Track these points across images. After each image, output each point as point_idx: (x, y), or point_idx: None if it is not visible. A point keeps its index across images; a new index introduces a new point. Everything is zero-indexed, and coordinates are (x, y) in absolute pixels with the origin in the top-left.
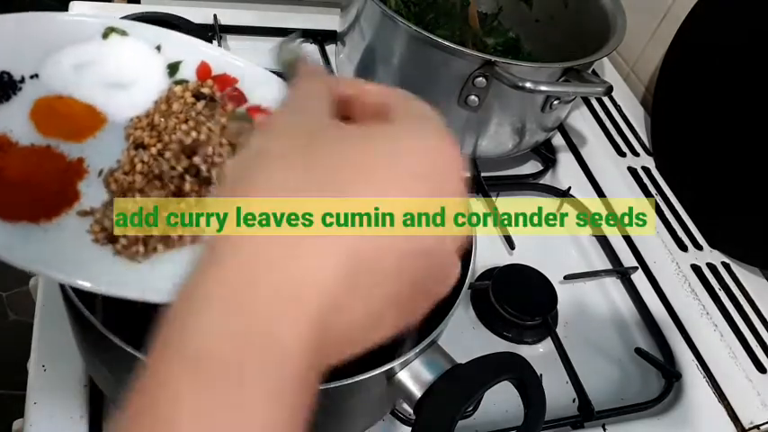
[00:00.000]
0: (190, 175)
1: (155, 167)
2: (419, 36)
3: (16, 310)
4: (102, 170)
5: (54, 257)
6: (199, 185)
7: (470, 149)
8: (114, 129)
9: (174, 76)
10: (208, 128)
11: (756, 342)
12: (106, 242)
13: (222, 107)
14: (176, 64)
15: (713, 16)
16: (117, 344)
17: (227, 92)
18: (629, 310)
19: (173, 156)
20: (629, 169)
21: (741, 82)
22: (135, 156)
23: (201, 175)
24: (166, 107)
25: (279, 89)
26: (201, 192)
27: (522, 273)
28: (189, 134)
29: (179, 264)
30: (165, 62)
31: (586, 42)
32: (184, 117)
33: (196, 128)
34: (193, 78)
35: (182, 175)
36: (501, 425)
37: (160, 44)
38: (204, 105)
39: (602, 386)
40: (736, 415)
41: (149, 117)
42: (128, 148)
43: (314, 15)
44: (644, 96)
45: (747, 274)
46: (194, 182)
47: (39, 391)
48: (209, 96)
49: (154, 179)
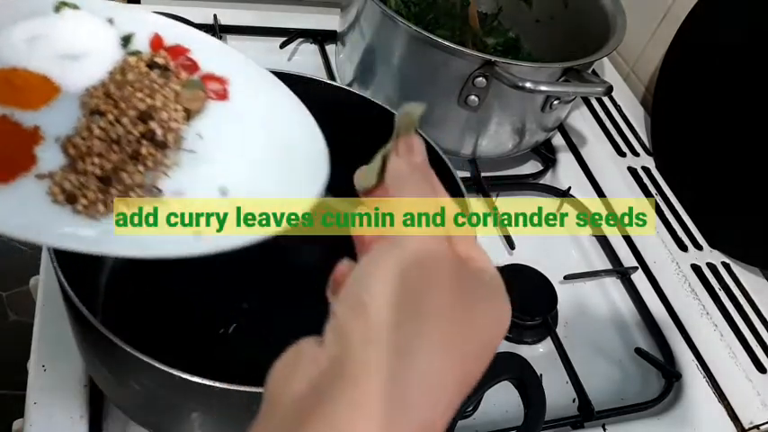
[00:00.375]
0: (146, 140)
1: (112, 132)
2: (419, 36)
3: (16, 310)
4: (59, 137)
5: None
6: (155, 149)
7: (470, 149)
8: (69, 98)
9: (128, 47)
10: (162, 95)
11: (756, 342)
12: (66, 203)
13: (176, 76)
14: (129, 36)
15: (713, 16)
16: (117, 344)
17: (180, 61)
18: (629, 310)
19: (129, 121)
20: (629, 169)
21: (741, 82)
22: (92, 122)
23: (157, 139)
24: (121, 77)
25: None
26: (158, 155)
27: (522, 273)
28: (144, 101)
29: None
30: (118, 34)
31: (586, 42)
32: (139, 86)
33: (151, 95)
34: (147, 49)
35: (138, 140)
36: (501, 425)
37: (112, 17)
38: (158, 74)
39: (602, 386)
40: (736, 415)
41: (104, 86)
42: (84, 116)
43: (314, 15)
44: (644, 96)
45: (747, 274)
46: (151, 145)
47: (39, 391)
48: (162, 66)
49: (111, 143)
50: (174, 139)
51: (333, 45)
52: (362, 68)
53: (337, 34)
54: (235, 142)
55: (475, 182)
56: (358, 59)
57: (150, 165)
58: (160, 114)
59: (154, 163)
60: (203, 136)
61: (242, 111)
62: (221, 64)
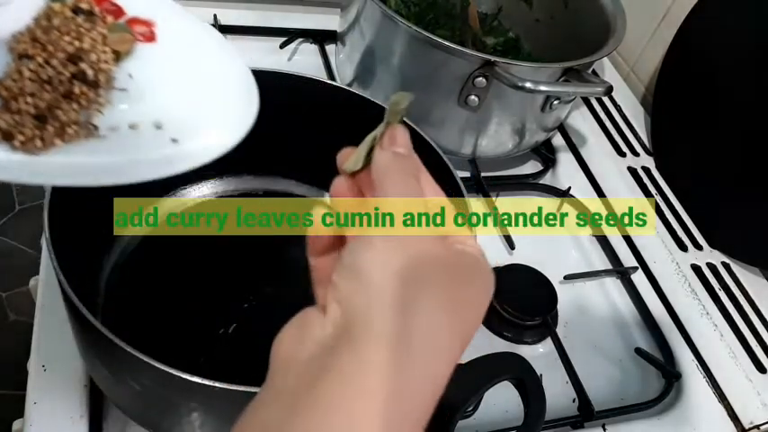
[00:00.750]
0: (78, 80)
1: (42, 74)
2: (419, 36)
3: (16, 310)
4: None
5: None
6: (88, 88)
7: (470, 149)
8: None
9: None
10: (90, 38)
11: (756, 342)
12: (2, 141)
13: (101, 20)
14: None
15: (713, 16)
16: (117, 344)
17: (105, 6)
18: (629, 310)
19: (59, 63)
20: (629, 169)
21: (741, 82)
22: (21, 65)
23: (89, 79)
24: (47, 22)
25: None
26: (91, 94)
27: (522, 273)
28: (72, 44)
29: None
30: None
31: (586, 42)
32: (66, 30)
33: (78, 38)
34: None
35: (70, 80)
36: (501, 425)
37: None
38: (84, 19)
39: (602, 386)
40: (736, 415)
41: (31, 32)
42: (13, 60)
43: (314, 15)
44: (644, 96)
45: (747, 274)
46: (83, 85)
47: (39, 391)
48: (87, 11)
49: (43, 84)
50: (105, 79)
51: (333, 45)
52: (362, 68)
53: (337, 34)
54: (165, 80)
55: (475, 182)
56: (358, 59)
57: (84, 103)
58: (89, 56)
59: (87, 101)
60: (134, 76)
61: (170, 51)
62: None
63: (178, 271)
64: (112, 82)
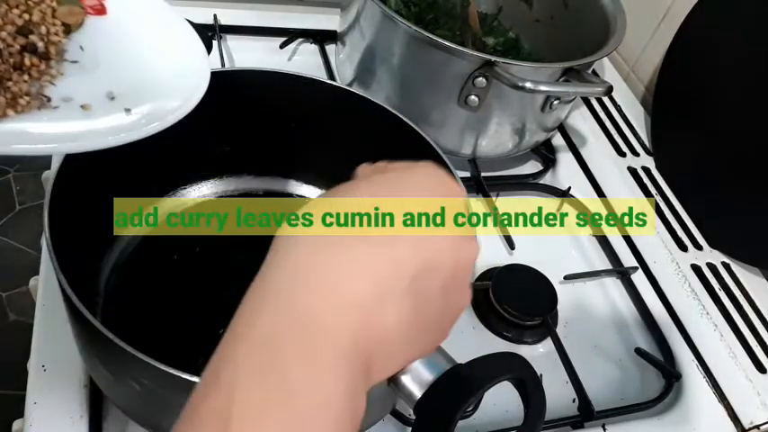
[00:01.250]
0: (28, 52)
1: None
2: (419, 36)
3: (16, 310)
4: None
5: None
6: (39, 60)
7: (470, 149)
8: None
9: None
10: (39, 11)
11: (756, 342)
12: None
13: None
14: None
15: (713, 16)
16: (117, 344)
17: None
18: (629, 310)
19: (8, 35)
20: (629, 169)
21: (741, 82)
22: None
23: (40, 51)
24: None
25: None
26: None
27: (522, 273)
28: (21, 17)
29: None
30: None
31: (586, 42)
32: (15, 2)
33: (28, 11)
34: None
35: (20, 52)
36: (501, 425)
37: None
38: None
39: (602, 386)
40: (736, 415)
41: None
42: None
43: (314, 15)
44: (644, 96)
45: (747, 274)
46: (33, 56)
47: (39, 391)
48: None
49: None
50: (56, 51)
51: (333, 45)
52: (362, 68)
53: (337, 34)
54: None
55: (475, 182)
56: (358, 59)
57: (35, 74)
58: (39, 28)
59: (39, 73)
60: (85, 48)
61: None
62: None
63: (178, 271)
64: (63, 54)
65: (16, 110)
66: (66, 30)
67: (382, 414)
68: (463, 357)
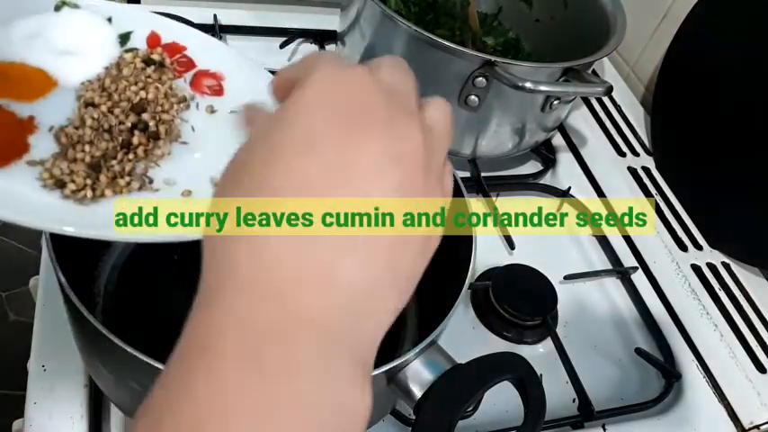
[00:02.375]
0: (138, 130)
1: (104, 123)
2: (419, 36)
3: (16, 310)
4: (53, 127)
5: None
6: (147, 139)
7: (470, 149)
8: (65, 92)
9: (125, 45)
10: (155, 87)
11: (756, 342)
12: (54, 188)
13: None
14: (127, 34)
15: (713, 16)
16: (117, 344)
17: (177, 58)
18: (629, 310)
19: (121, 112)
20: (629, 169)
21: (741, 82)
22: (85, 113)
23: (150, 130)
24: (117, 72)
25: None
26: (149, 145)
27: (522, 273)
28: (138, 94)
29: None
30: (116, 32)
31: (586, 42)
32: (134, 80)
33: (144, 88)
34: (144, 47)
35: (130, 130)
36: (501, 425)
37: (111, 16)
38: (154, 70)
39: (602, 386)
40: (736, 415)
41: (100, 81)
42: (78, 107)
43: (314, 15)
44: (644, 96)
45: (747, 274)
46: (142, 135)
47: (39, 391)
48: (158, 62)
49: (103, 132)
50: (166, 131)
51: (333, 45)
52: None
53: (337, 34)
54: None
55: (475, 182)
56: (358, 59)
57: (141, 154)
58: (153, 107)
59: (145, 153)
60: (196, 129)
61: (237, 105)
62: (217, 61)
63: (178, 271)
64: (174, 134)
65: (115, 190)
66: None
67: (382, 414)
68: (463, 357)
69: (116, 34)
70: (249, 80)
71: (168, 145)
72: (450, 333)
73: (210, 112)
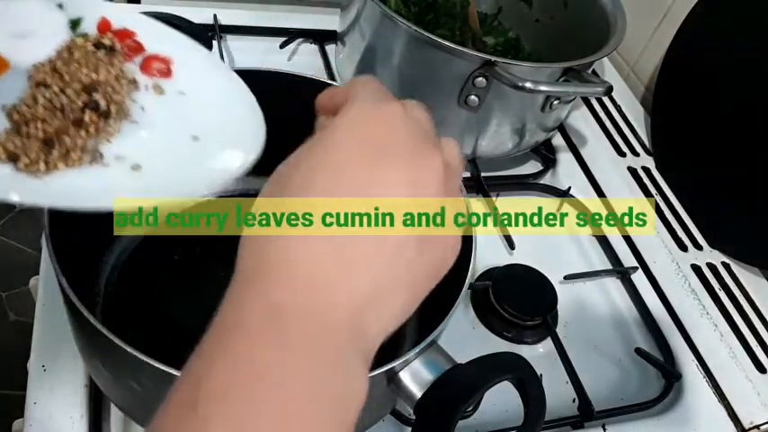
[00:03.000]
0: (90, 109)
1: (56, 101)
2: (419, 36)
3: (16, 310)
4: (5, 105)
5: None
6: (98, 117)
7: (470, 149)
8: (17, 73)
9: (76, 30)
10: (106, 70)
11: (756, 342)
12: (8, 161)
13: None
14: (78, 20)
15: (713, 16)
16: (117, 344)
17: (127, 43)
18: (629, 310)
19: (73, 92)
20: (629, 169)
21: (741, 82)
22: (37, 92)
23: (101, 109)
24: (68, 55)
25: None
26: (101, 123)
27: (522, 273)
28: (89, 75)
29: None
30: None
31: (586, 42)
32: (85, 62)
33: (96, 71)
34: (94, 32)
35: (82, 109)
36: (501, 425)
37: (62, 2)
38: (104, 54)
39: (602, 386)
40: (736, 415)
41: (52, 62)
42: (30, 87)
43: (314, 15)
44: (644, 96)
45: (747, 274)
46: (93, 114)
47: (39, 391)
48: (109, 46)
49: (55, 111)
50: (116, 110)
51: (333, 45)
52: (362, 68)
53: (337, 34)
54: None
55: (475, 182)
56: (358, 59)
57: (93, 131)
58: (104, 87)
59: (96, 130)
60: (146, 109)
61: (184, 87)
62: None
63: (178, 271)
64: (124, 113)
65: (67, 163)
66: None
67: (382, 414)
68: (463, 357)
69: (67, 20)
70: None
71: (118, 123)
72: (450, 333)
73: (159, 93)
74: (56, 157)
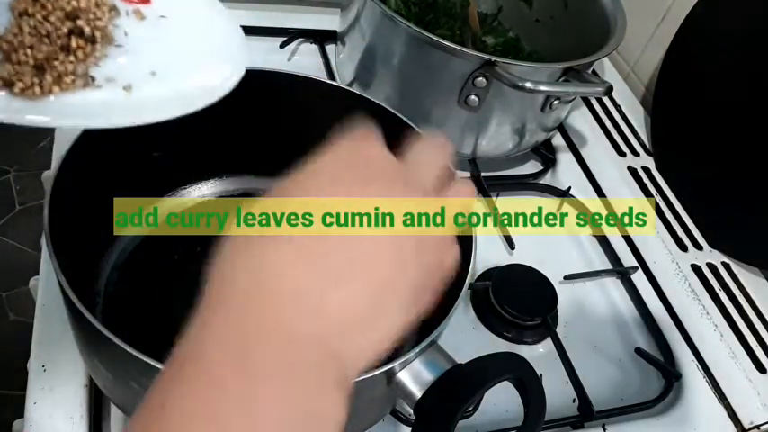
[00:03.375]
0: (75, 35)
1: (41, 29)
2: (419, 36)
3: (16, 310)
4: None
5: None
6: (85, 42)
7: (470, 149)
8: None
9: None
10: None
11: (756, 342)
12: (4, 87)
13: None
14: None
15: (713, 16)
16: (117, 344)
17: None
18: (629, 310)
19: (57, 19)
20: (629, 169)
21: (741, 82)
22: (22, 22)
23: (86, 35)
24: None
25: None
26: (87, 48)
27: (522, 273)
28: (70, 3)
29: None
30: None
31: (586, 42)
32: None
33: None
34: None
35: (68, 35)
36: (501, 425)
37: None
38: None
39: (602, 386)
40: (736, 415)
41: None
42: (15, 17)
43: (314, 15)
44: (644, 96)
45: (747, 274)
46: (80, 39)
47: (39, 391)
48: None
49: (42, 38)
50: (101, 35)
51: (333, 45)
52: (362, 68)
53: (337, 34)
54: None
55: (475, 182)
56: (358, 59)
57: (80, 56)
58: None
59: (84, 54)
60: (129, 33)
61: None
62: None
63: (178, 271)
64: (108, 38)
65: (61, 87)
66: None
67: (382, 414)
68: (463, 357)
69: None
70: None
71: (105, 48)
72: (450, 333)
73: (140, 18)
74: (49, 81)
